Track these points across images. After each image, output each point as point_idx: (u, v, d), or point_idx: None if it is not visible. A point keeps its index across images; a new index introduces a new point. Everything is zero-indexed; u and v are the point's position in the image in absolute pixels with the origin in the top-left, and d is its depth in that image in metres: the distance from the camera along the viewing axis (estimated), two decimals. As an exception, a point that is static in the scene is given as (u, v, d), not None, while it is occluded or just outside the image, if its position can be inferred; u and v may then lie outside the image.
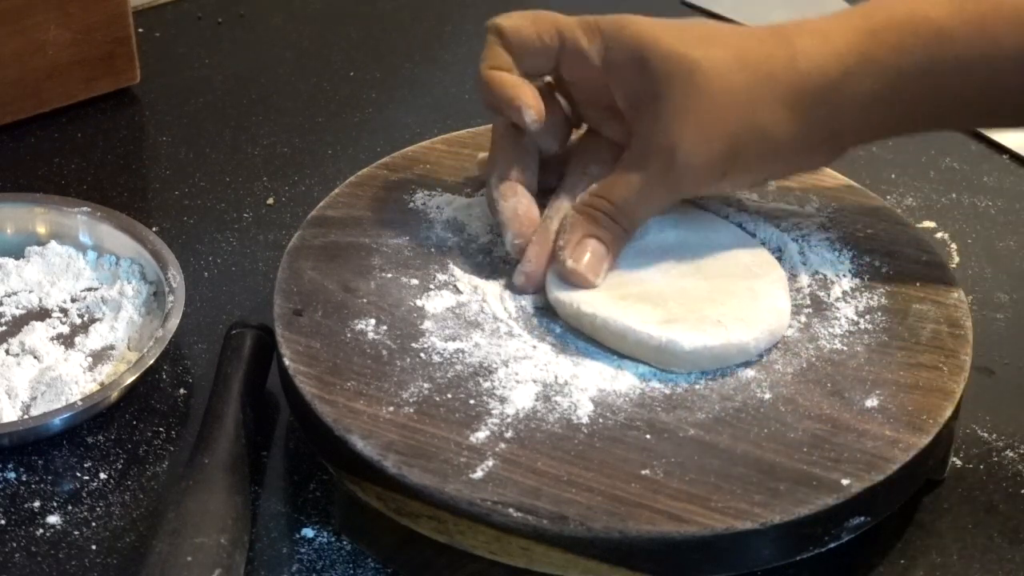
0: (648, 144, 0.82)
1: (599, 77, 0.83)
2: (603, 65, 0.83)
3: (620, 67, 0.82)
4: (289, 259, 0.86)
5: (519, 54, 0.84)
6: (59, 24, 1.04)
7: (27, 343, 0.88)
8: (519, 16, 0.85)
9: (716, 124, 0.80)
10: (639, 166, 0.82)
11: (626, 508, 0.73)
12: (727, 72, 0.80)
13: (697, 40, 0.81)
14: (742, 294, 0.82)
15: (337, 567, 0.78)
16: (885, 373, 0.80)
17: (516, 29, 0.84)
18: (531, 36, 0.84)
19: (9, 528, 0.80)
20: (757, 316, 0.80)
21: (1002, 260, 0.97)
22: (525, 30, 0.84)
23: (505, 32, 0.84)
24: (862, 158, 1.05)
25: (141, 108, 1.09)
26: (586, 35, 0.83)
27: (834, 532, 0.75)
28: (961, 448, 0.84)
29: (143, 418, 0.86)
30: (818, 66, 0.81)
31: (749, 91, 0.80)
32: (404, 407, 0.77)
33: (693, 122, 0.80)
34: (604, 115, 0.85)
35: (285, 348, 0.81)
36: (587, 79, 0.84)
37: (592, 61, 0.83)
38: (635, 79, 0.82)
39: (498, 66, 0.84)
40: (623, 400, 0.78)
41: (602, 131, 0.86)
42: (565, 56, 0.84)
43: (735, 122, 0.81)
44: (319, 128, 1.08)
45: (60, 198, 0.96)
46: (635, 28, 0.82)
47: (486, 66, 0.84)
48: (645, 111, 0.82)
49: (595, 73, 0.83)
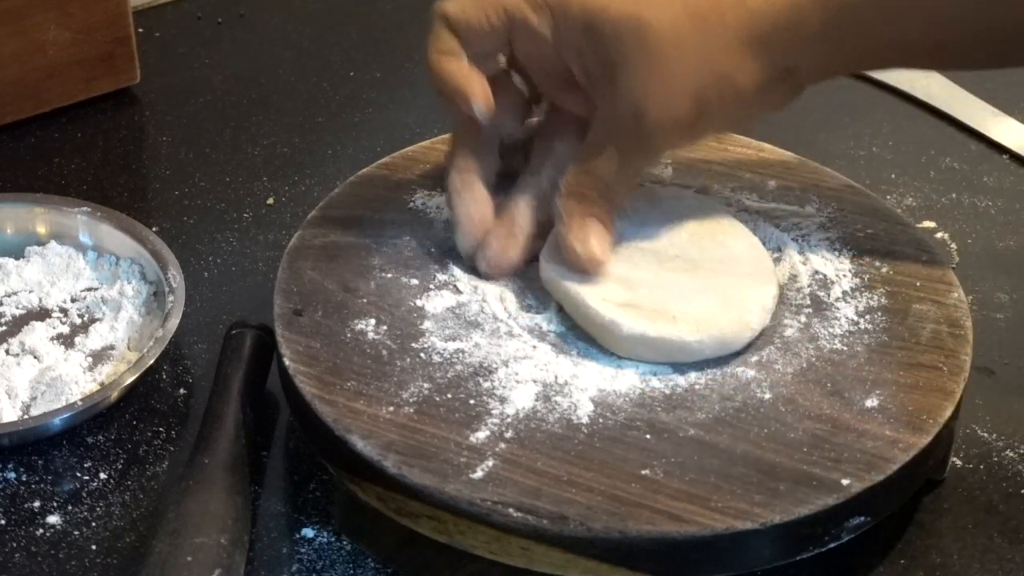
0: (614, 113, 0.81)
1: (553, 52, 0.83)
2: (555, 40, 0.82)
3: (572, 40, 0.82)
4: (289, 259, 0.86)
5: (467, 38, 0.83)
6: (59, 24, 1.04)
7: (27, 343, 0.88)
8: (465, 0, 0.84)
9: (678, 79, 0.80)
10: (611, 137, 0.82)
11: (626, 508, 0.73)
12: (679, 26, 0.80)
13: (644, 1, 0.81)
14: (717, 297, 0.81)
15: (337, 567, 0.78)
16: (885, 373, 0.80)
17: (462, 13, 0.83)
18: (478, 19, 0.83)
19: (9, 528, 0.80)
20: (715, 321, 0.80)
21: (1002, 260, 0.97)
22: (471, 13, 0.83)
23: (451, 17, 0.83)
24: (862, 158, 1.06)
25: (141, 108, 1.09)
26: (534, 12, 0.82)
27: (834, 532, 0.75)
28: (961, 448, 0.84)
29: (143, 418, 0.86)
30: (765, 3, 0.80)
31: (704, 41, 0.80)
32: (404, 407, 0.77)
33: (655, 82, 0.80)
34: (562, 88, 0.85)
35: (285, 348, 0.81)
36: (541, 55, 0.83)
37: (544, 37, 0.82)
38: (588, 50, 0.81)
39: (446, 52, 0.83)
40: (623, 400, 0.78)
41: (563, 105, 0.86)
42: (516, 35, 0.83)
43: (696, 73, 0.80)
44: (319, 128, 1.08)
45: (60, 198, 0.96)
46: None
47: (434, 53, 0.83)
48: (604, 80, 0.81)
49: (548, 49, 0.83)
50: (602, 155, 0.82)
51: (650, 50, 0.80)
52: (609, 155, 0.82)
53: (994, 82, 1.10)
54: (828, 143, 1.07)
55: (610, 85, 0.81)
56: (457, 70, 0.83)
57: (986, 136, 1.07)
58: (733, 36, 0.80)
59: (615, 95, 0.81)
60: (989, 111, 1.09)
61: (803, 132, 1.07)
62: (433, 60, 0.83)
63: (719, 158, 0.93)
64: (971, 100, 1.10)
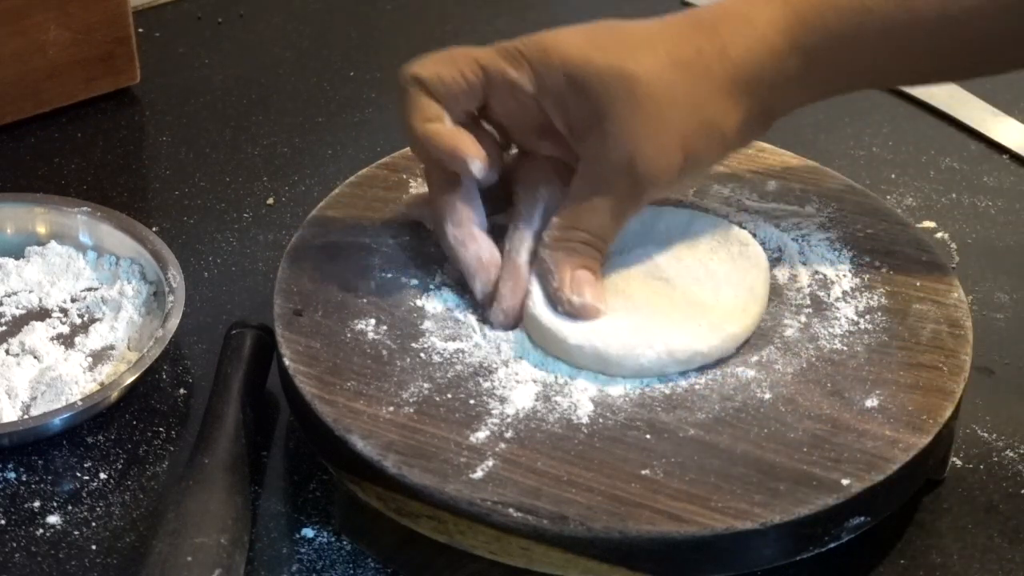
0: (603, 163, 0.81)
1: (531, 105, 0.82)
2: (537, 93, 0.82)
3: (556, 93, 0.81)
4: (289, 259, 0.86)
5: (445, 100, 0.82)
6: (59, 24, 1.04)
7: (27, 343, 0.88)
8: (435, 60, 0.82)
9: (667, 129, 0.80)
10: (600, 188, 0.81)
11: (626, 508, 0.73)
12: (665, 77, 0.80)
13: (626, 50, 0.81)
14: (687, 315, 0.81)
15: (337, 567, 0.78)
16: (885, 373, 0.80)
17: (436, 76, 0.82)
18: (454, 79, 0.82)
19: (9, 528, 0.80)
20: (669, 340, 0.79)
21: (1002, 260, 0.97)
22: (446, 74, 0.82)
23: (426, 82, 0.82)
24: (862, 158, 1.06)
25: (141, 108, 1.09)
26: (512, 66, 0.82)
27: (834, 532, 0.75)
28: (961, 448, 0.84)
29: (143, 418, 0.86)
30: (747, 51, 0.81)
31: (690, 90, 0.80)
32: (404, 407, 0.77)
33: (645, 133, 0.80)
34: (536, 136, 0.84)
35: (285, 348, 0.81)
36: (517, 107, 0.83)
37: (524, 90, 0.82)
38: (574, 102, 0.81)
39: (429, 118, 0.82)
40: (623, 400, 0.78)
41: (536, 151, 0.85)
42: (493, 89, 0.82)
43: (684, 122, 0.81)
44: (319, 128, 1.08)
45: (60, 198, 0.96)
46: (561, 50, 0.81)
47: (417, 121, 0.82)
48: (591, 132, 0.81)
49: (527, 101, 0.82)
50: (589, 206, 0.82)
51: (639, 100, 0.80)
52: (596, 205, 0.82)
53: (994, 82, 1.10)
54: (828, 143, 1.07)
55: (597, 135, 0.81)
56: (446, 133, 0.82)
57: (986, 136, 1.07)
58: (717, 84, 0.81)
59: (604, 145, 0.81)
60: (989, 111, 1.09)
61: (803, 132, 1.07)
62: (418, 128, 0.82)
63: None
64: (971, 100, 1.10)
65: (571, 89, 0.81)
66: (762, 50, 0.81)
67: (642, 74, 0.80)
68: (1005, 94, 1.10)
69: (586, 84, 0.80)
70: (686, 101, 0.80)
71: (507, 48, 0.82)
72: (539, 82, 0.81)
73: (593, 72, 0.80)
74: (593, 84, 0.80)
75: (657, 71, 0.80)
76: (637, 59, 0.80)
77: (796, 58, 0.81)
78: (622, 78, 0.80)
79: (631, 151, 0.80)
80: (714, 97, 0.81)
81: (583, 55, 0.81)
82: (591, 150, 0.82)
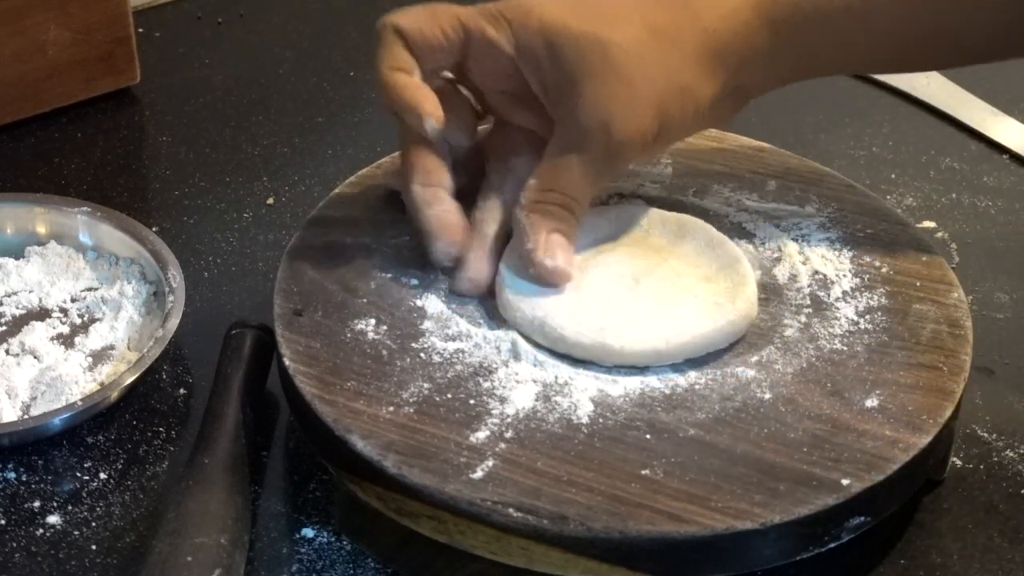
0: (578, 127, 0.82)
1: (508, 66, 0.83)
2: (516, 54, 0.83)
3: (533, 55, 0.82)
4: (289, 259, 0.86)
5: (421, 53, 0.83)
6: (59, 24, 1.04)
7: (27, 343, 0.88)
8: (418, 12, 0.84)
9: (641, 94, 0.81)
10: (574, 149, 0.82)
11: (626, 508, 0.73)
12: (640, 42, 0.81)
13: (604, 18, 0.82)
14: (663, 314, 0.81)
15: (337, 567, 0.78)
16: (885, 373, 0.80)
17: (417, 28, 0.83)
18: (434, 33, 0.83)
19: (9, 528, 0.80)
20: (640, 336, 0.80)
21: (1002, 260, 0.97)
22: (427, 27, 0.83)
23: (405, 31, 0.83)
24: (862, 158, 1.06)
25: (141, 108, 1.09)
26: (492, 26, 0.83)
27: (834, 532, 0.75)
28: (961, 448, 0.84)
29: (143, 418, 0.86)
30: (719, 21, 0.82)
31: (663, 57, 0.82)
32: (404, 407, 0.77)
33: (619, 97, 0.81)
34: (511, 103, 0.85)
35: (285, 348, 0.81)
36: (495, 70, 0.84)
37: (503, 51, 0.83)
38: (550, 66, 0.82)
39: (398, 67, 0.83)
40: (623, 400, 0.78)
41: (511, 119, 0.86)
42: (472, 49, 0.83)
43: (658, 87, 0.82)
44: (319, 128, 1.08)
45: (60, 198, 0.96)
46: (541, 13, 0.82)
47: (386, 68, 0.83)
48: (566, 95, 0.82)
49: (505, 63, 0.83)
50: (565, 168, 0.82)
51: (614, 65, 0.81)
52: (572, 169, 0.82)
53: (994, 82, 1.10)
54: (828, 143, 1.07)
55: (572, 100, 0.82)
56: (409, 84, 0.83)
57: (986, 136, 1.07)
58: (691, 52, 0.82)
59: (579, 109, 0.81)
60: (989, 111, 1.09)
61: (803, 132, 1.07)
62: (385, 75, 0.83)
63: (719, 158, 0.93)
64: (971, 100, 1.10)
65: (548, 52, 0.82)
66: (733, 21, 0.83)
67: (616, 40, 0.81)
68: (1005, 94, 1.10)
69: (562, 48, 0.81)
70: (659, 66, 0.82)
71: (489, 9, 0.84)
72: (517, 43, 0.83)
73: (569, 37, 0.82)
74: (569, 48, 0.81)
75: (631, 38, 0.81)
76: (613, 26, 0.82)
77: (766, 32, 0.83)
78: (597, 43, 0.81)
79: (605, 115, 0.81)
80: (687, 64, 0.82)
81: (561, 20, 0.82)
82: (566, 114, 0.82)
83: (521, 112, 0.86)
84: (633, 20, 0.82)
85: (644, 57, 0.81)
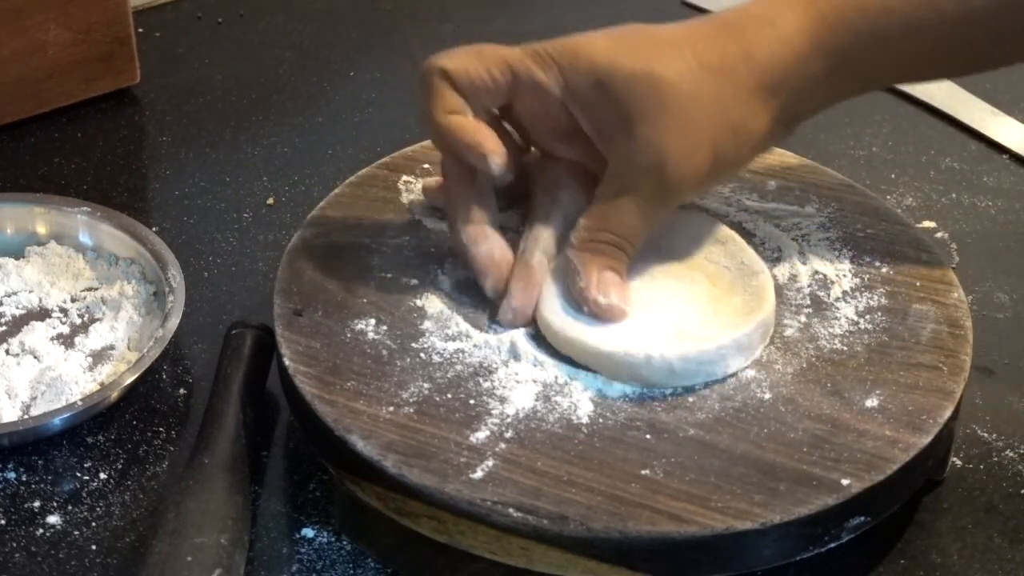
0: (632, 166, 0.81)
1: (556, 107, 0.82)
2: (564, 95, 0.82)
3: (583, 95, 0.82)
4: (289, 259, 0.86)
5: (470, 94, 0.82)
6: (59, 24, 1.04)
7: (27, 343, 0.88)
8: (463, 54, 0.83)
9: (696, 131, 0.81)
10: (628, 189, 0.81)
11: (626, 508, 0.73)
12: (692, 80, 0.80)
13: (654, 54, 0.81)
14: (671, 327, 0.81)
15: (337, 567, 0.78)
16: (885, 373, 0.80)
17: (463, 70, 0.82)
18: (481, 75, 0.82)
19: (9, 528, 0.80)
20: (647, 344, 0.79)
21: (1002, 260, 0.97)
22: (473, 69, 0.82)
23: (452, 74, 0.82)
24: (862, 158, 1.06)
25: (141, 108, 1.09)
26: (539, 66, 0.82)
27: (834, 532, 0.75)
28: (961, 448, 0.84)
29: (143, 418, 0.86)
30: (772, 55, 0.81)
31: (717, 93, 0.81)
32: (404, 407, 0.77)
33: (673, 135, 0.80)
34: (557, 138, 0.85)
35: (285, 348, 0.81)
36: (543, 110, 0.83)
37: (551, 92, 0.82)
38: (602, 106, 0.81)
39: (452, 110, 0.82)
40: (623, 400, 0.78)
41: (557, 154, 0.85)
42: (519, 90, 0.83)
43: (712, 125, 0.81)
44: (319, 128, 1.08)
45: (60, 198, 0.96)
46: (589, 53, 0.81)
47: (439, 112, 0.82)
48: (619, 135, 0.81)
49: (553, 103, 0.82)
50: (617, 207, 0.82)
51: (668, 103, 0.80)
52: (625, 206, 0.82)
53: (994, 82, 1.10)
54: (828, 143, 1.07)
55: (626, 138, 0.81)
56: (468, 127, 0.82)
57: (986, 136, 1.07)
58: (744, 86, 0.81)
59: (633, 148, 0.81)
60: (989, 111, 1.09)
61: (803, 132, 1.06)
62: (440, 119, 0.82)
63: (719, 158, 0.93)
64: (971, 100, 1.10)
65: (599, 92, 0.81)
66: (787, 52, 0.81)
67: (669, 77, 0.80)
68: (1005, 94, 1.10)
69: (614, 87, 0.80)
70: (713, 103, 0.81)
71: (536, 50, 0.82)
72: (567, 85, 0.82)
73: (621, 75, 0.80)
74: (621, 87, 0.80)
75: (684, 74, 0.80)
76: (664, 62, 0.81)
77: (820, 60, 0.82)
78: (649, 81, 0.80)
79: (659, 153, 0.80)
80: (741, 99, 0.81)
81: (610, 58, 0.81)
82: (619, 152, 0.82)
83: (567, 146, 0.85)
84: (685, 56, 0.81)
85: (697, 94, 0.80)
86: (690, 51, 0.81)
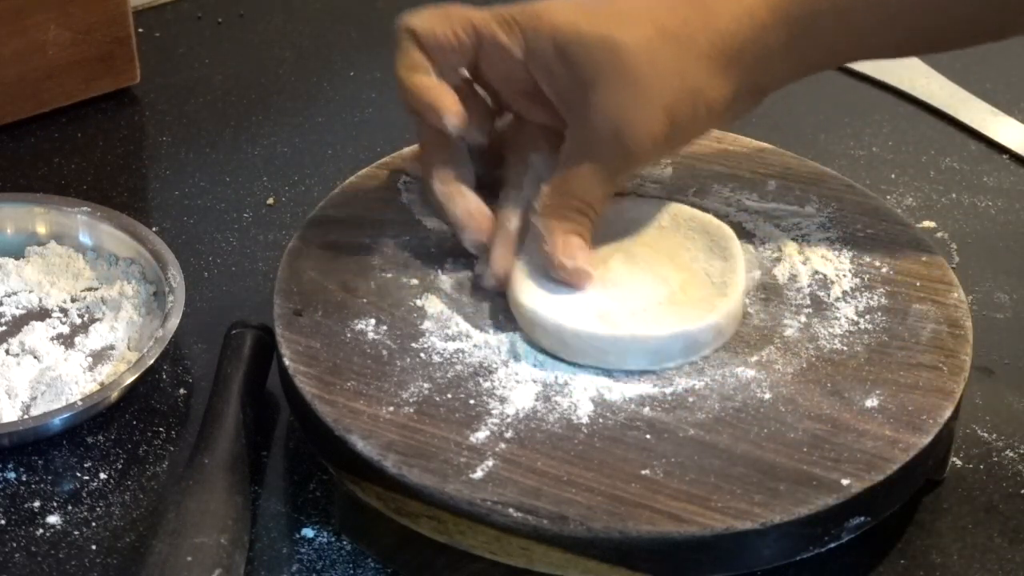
0: (590, 131, 0.82)
1: (520, 70, 0.84)
2: (526, 58, 0.83)
3: (544, 59, 0.83)
4: (289, 259, 0.86)
5: (435, 54, 0.84)
6: (59, 24, 1.04)
7: (27, 343, 0.88)
8: (431, 15, 0.84)
9: (653, 97, 0.81)
10: (587, 155, 0.82)
11: (626, 508, 0.73)
12: (652, 45, 0.81)
13: (614, 21, 0.82)
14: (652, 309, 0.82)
15: (337, 567, 0.78)
16: (885, 373, 0.80)
17: (430, 30, 0.83)
18: (446, 35, 0.83)
19: (9, 528, 0.80)
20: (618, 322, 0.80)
21: (1002, 260, 0.97)
22: (439, 29, 0.83)
23: (419, 32, 0.83)
24: (862, 158, 1.06)
25: (141, 108, 1.09)
26: (503, 30, 0.83)
27: (834, 532, 0.75)
28: (961, 448, 0.84)
29: (143, 418, 0.86)
30: (733, 22, 0.82)
31: (676, 59, 0.81)
32: (404, 407, 0.77)
33: (631, 101, 0.81)
34: (527, 102, 0.86)
35: (285, 348, 0.81)
36: (508, 72, 0.84)
37: (514, 55, 0.83)
38: (561, 70, 0.82)
39: (415, 68, 0.83)
40: (623, 400, 0.78)
41: (527, 117, 0.86)
42: (484, 52, 0.84)
43: (670, 91, 0.81)
44: (319, 128, 1.08)
45: (60, 198, 0.96)
46: (551, 18, 0.82)
47: (403, 69, 0.84)
48: (577, 99, 0.82)
49: (517, 66, 0.83)
50: (578, 173, 0.83)
51: (625, 69, 0.81)
52: (585, 172, 0.82)
53: (994, 82, 1.10)
54: (828, 143, 1.07)
55: (584, 103, 0.82)
56: (427, 84, 0.83)
57: (986, 136, 1.07)
58: (703, 54, 0.81)
59: (591, 113, 0.81)
60: (989, 111, 1.09)
61: (803, 132, 1.07)
62: (403, 75, 0.84)
63: (719, 158, 0.93)
64: (971, 100, 1.10)
65: (558, 57, 0.82)
66: (748, 21, 0.82)
67: (627, 43, 0.81)
68: (1005, 94, 1.10)
69: (574, 52, 0.81)
70: (671, 70, 0.81)
71: (501, 13, 0.84)
72: (528, 48, 0.83)
73: (580, 40, 0.81)
74: (579, 52, 0.81)
75: (642, 40, 0.81)
76: (624, 28, 0.81)
77: (781, 30, 0.82)
78: (607, 47, 0.81)
79: (617, 119, 0.81)
80: (700, 66, 0.81)
81: (572, 23, 0.82)
82: (578, 118, 0.83)
83: (537, 109, 0.86)
84: (644, 21, 0.82)
85: (655, 59, 0.81)
86: (650, 18, 0.82)
